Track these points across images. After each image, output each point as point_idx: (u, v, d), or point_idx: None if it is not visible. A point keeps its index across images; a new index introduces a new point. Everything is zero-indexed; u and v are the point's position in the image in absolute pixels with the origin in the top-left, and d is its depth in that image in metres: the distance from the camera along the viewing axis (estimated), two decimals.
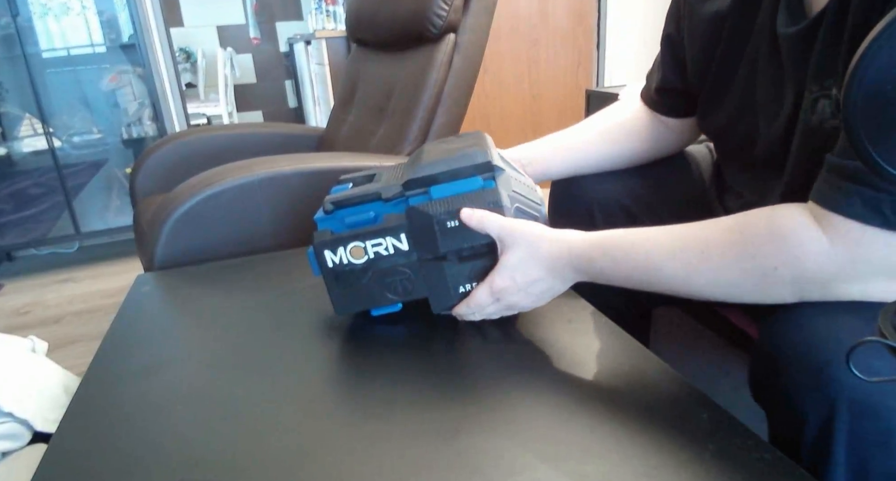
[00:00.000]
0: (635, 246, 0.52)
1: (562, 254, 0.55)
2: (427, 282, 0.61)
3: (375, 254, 0.60)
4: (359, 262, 0.60)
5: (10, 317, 1.79)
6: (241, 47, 3.56)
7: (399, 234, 0.59)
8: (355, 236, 0.60)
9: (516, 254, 0.56)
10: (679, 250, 0.49)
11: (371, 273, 0.61)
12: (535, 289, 0.57)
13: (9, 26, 1.96)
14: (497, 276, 0.57)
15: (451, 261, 0.60)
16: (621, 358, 0.56)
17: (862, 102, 0.41)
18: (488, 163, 0.60)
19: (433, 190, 0.60)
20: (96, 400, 0.55)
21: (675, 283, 0.50)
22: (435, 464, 0.43)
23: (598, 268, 0.53)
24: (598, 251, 0.53)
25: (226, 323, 0.69)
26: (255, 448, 0.47)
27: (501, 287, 0.57)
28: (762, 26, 0.58)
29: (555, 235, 0.56)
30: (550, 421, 0.47)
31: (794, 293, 0.45)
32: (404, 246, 0.60)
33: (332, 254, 0.60)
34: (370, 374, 0.56)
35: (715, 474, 0.40)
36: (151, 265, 0.94)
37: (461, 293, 0.61)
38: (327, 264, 0.61)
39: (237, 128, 1.57)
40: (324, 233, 0.61)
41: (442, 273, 0.60)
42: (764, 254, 0.44)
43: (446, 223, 0.58)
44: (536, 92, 2.71)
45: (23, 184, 2.15)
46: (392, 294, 0.62)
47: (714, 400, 0.48)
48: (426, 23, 1.19)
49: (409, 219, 0.59)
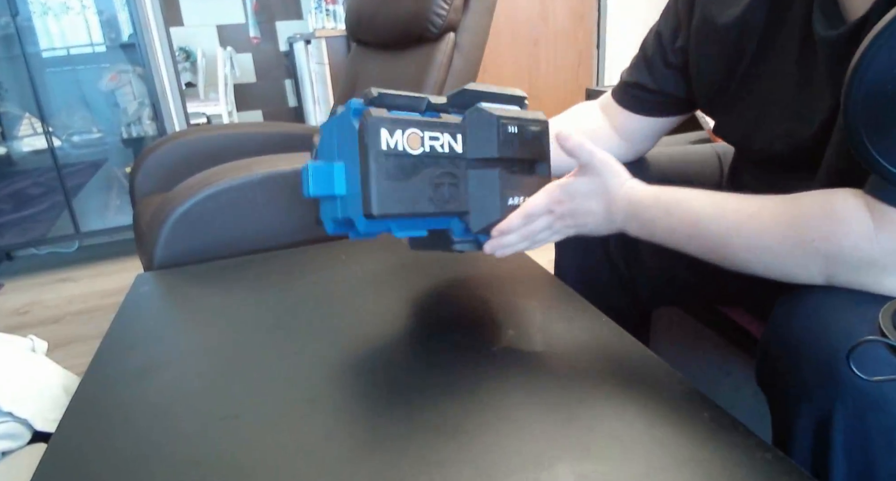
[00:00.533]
0: (690, 200, 0.54)
1: (624, 196, 0.57)
2: (475, 192, 0.58)
3: (431, 148, 0.55)
4: (414, 153, 0.54)
5: (9, 317, 1.78)
6: (241, 47, 3.56)
7: (457, 133, 0.57)
8: (415, 122, 0.55)
9: (591, 182, 0.58)
10: (731, 210, 0.50)
11: (422, 169, 0.55)
12: (582, 220, 0.59)
13: (8, 26, 1.96)
14: (558, 189, 0.59)
15: (504, 168, 0.59)
16: (621, 358, 0.56)
17: (862, 101, 0.41)
18: (524, 97, 0.63)
19: (481, 103, 0.59)
20: (96, 400, 0.55)
21: (715, 242, 0.51)
22: (435, 464, 0.43)
23: (649, 216, 0.55)
24: (653, 200, 0.55)
25: (226, 322, 0.69)
26: (255, 447, 0.47)
27: (558, 199, 0.58)
28: (793, 28, 0.57)
29: (629, 180, 0.59)
30: (550, 421, 0.47)
31: (824, 272, 0.45)
32: (459, 148, 0.57)
33: (390, 135, 0.53)
34: (370, 374, 0.56)
35: (715, 474, 0.40)
36: (151, 264, 0.94)
37: (509, 205, 0.59)
38: (380, 145, 0.52)
39: (237, 128, 1.56)
40: (381, 112, 0.53)
41: (493, 181, 0.58)
42: (806, 225, 0.45)
43: (507, 127, 0.58)
44: (536, 92, 2.71)
45: (22, 184, 2.15)
46: (436, 199, 0.56)
47: (714, 400, 0.48)
48: (426, 22, 1.19)
49: (469, 120, 0.57)
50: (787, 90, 0.59)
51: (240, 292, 0.77)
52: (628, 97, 0.77)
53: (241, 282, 0.81)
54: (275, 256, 0.89)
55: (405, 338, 0.62)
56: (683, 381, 0.51)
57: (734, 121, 0.67)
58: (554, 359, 0.56)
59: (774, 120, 0.61)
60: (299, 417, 0.51)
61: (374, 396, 0.52)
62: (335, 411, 0.51)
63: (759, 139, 0.64)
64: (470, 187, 0.58)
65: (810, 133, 0.56)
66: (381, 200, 0.53)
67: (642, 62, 0.75)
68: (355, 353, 0.60)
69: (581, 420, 0.47)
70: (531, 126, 0.60)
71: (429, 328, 0.63)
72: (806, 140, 0.57)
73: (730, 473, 0.40)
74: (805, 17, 0.55)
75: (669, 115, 0.76)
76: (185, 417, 0.51)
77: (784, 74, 0.59)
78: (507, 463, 0.43)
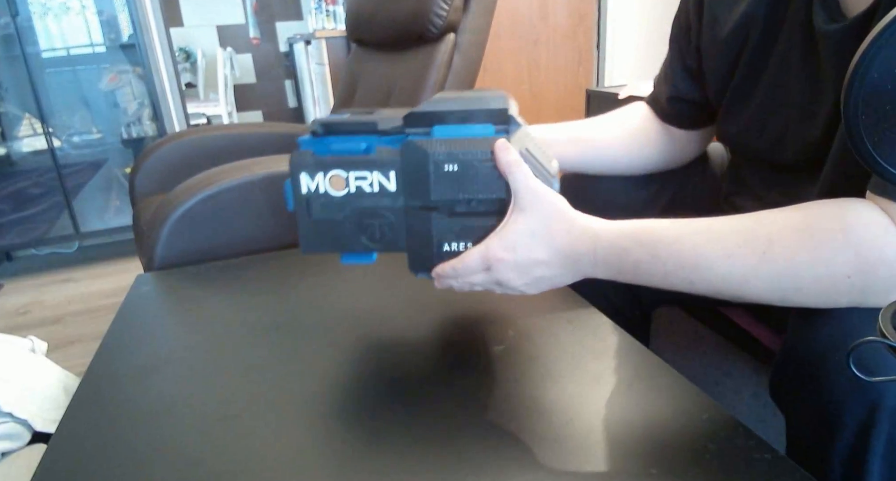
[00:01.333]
0: (682, 239, 0.45)
1: (583, 239, 0.48)
2: (409, 234, 0.54)
3: (357, 188, 0.53)
4: (337, 195, 0.53)
5: (9, 317, 1.78)
6: (241, 47, 3.56)
7: (388, 171, 0.52)
8: (338, 163, 0.52)
9: (528, 224, 0.49)
10: (738, 247, 0.43)
11: (349, 210, 0.53)
12: (535, 273, 0.49)
13: (8, 26, 1.96)
14: (497, 241, 0.50)
15: (442, 212, 0.52)
16: (621, 358, 0.56)
17: (863, 102, 0.41)
18: (504, 110, 0.51)
19: (436, 130, 0.52)
20: (96, 401, 0.55)
21: (728, 285, 0.44)
22: (434, 464, 0.43)
23: (631, 260, 0.46)
24: (632, 241, 0.46)
25: (226, 323, 0.69)
26: (255, 447, 0.47)
27: (497, 256, 0.49)
28: (794, 23, 0.56)
29: (578, 217, 0.49)
30: (550, 421, 0.47)
31: (854, 300, 0.42)
32: (392, 186, 0.52)
33: (310, 178, 0.53)
34: (369, 374, 0.56)
35: (715, 474, 0.40)
36: (151, 265, 0.94)
37: (444, 251, 0.54)
38: (301, 189, 0.53)
39: (237, 128, 1.57)
40: (304, 154, 0.53)
41: (427, 224, 0.53)
42: (839, 262, 0.40)
43: (443, 165, 0.51)
44: (536, 91, 2.71)
45: (22, 184, 2.15)
46: (368, 239, 0.54)
47: (714, 401, 0.48)
48: (426, 23, 1.19)
49: (404, 155, 0.51)
50: (791, 87, 0.58)
51: (240, 293, 0.77)
52: (657, 110, 0.77)
53: (241, 282, 0.81)
54: (275, 257, 0.89)
55: (405, 338, 0.62)
56: (683, 381, 0.51)
57: (736, 119, 0.66)
58: (554, 359, 0.56)
59: (779, 116, 0.60)
60: (299, 417, 0.50)
61: (373, 396, 0.52)
62: (335, 411, 0.51)
63: (762, 137, 0.63)
64: (407, 227, 0.54)
65: (817, 129, 0.55)
66: (307, 240, 0.55)
67: (663, 75, 0.75)
68: (355, 353, 0.60)
69: (581, 421, 0.47)
70: (481, 162, 0.51)
71: (429, 328, 0.63)
72: (812, 137, 0.56)
73: (730, 473, 0.40)
74: (806, 12, 0.55)
75: (699, 127, 0.75)
76: (185, 417, 0.51)
77: (786, 70, 0.58)
78: (507, 464, 0.43)
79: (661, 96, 0.75)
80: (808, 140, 0.57)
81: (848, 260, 0.40)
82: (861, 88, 0.40)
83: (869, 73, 0.40)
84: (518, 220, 0.49)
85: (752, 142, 0.66)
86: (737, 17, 0.62)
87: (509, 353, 0.58)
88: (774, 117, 0.61)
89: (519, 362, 0.56)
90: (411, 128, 0.53)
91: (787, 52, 0.58)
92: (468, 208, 0.52)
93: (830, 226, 0.41)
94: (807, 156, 0.57)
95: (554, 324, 0.62)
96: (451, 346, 0.60)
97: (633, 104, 0.81)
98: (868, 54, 0.39)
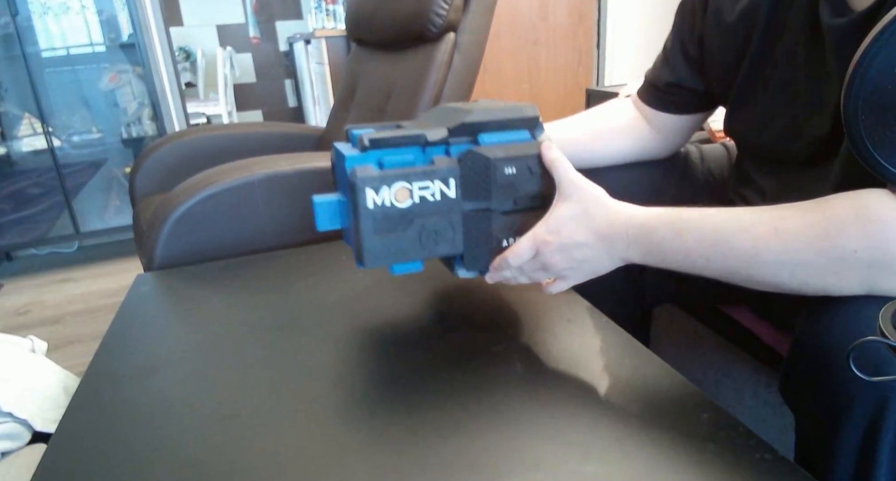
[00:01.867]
0: (704, 218, 0.49)
1: (618, 221, 0.52)
2: (467, 236, 0.57)
3: (421, 199, 0.54)
4: (402, 206, 0.54)
5: (9, 317, 1.78)
6: (241, 47, 3.56)
7: (449, 179, 0.54)
8: (403, 175, 0.53)
9: (570, 210, 0.53)
10: (751, 224, 0.46)
11: (411, 220, 0.55)
12: (577, 254, 0.53)
13: (8, 26, 1.96)
14: (543, 226, 0.54)
15: (498, 212, 0.56)
16: (621, 358, 0.56)
17: (863, 102, 0.41)
18: (538, 117, 0.58)
19: (482, 137, 0.56)
20: (96, 400, 0.55)
21: (740, 260, 0.46)
22: (434, 464, 0.43)
23: (657, 239, 0.50)
24: (659, 221, 0.50)
25: (226, 323, 0.69)
26: (255, 447, 0.47)
27: (544, 239, 0.53)
28: (799, 17, 0.57)
29: (615, 203, 0.54)
30: (550, 421, 0.47)
31: (865, 282, 0.42)
32: (452, 193, 0.55)
33: (375, 193, 0.53)
34: (369, 374, 0.56)
35: (715, 474, 0.40)
36: (151, 265, 0.94)
37: (503, 247, 0.57)
38: (367, 204, 0.53)
39: (237, 128, 1.56)
40: (367, 169, 0.53)
41: (487, 224, 0.56)
42: (846, 235, 0.41)
43: (504, 169, 0.54)
44: (536, 91, 2.71)
45: (22, 184, 2.15)
46: (428, 247, 0.56)
47: (714, 401, 0.48)
48: (426, 22, 1.19)
49: (464, 163, 0.54)
50: (799, 82, 0.58)
51: (240, 292, 0.77)
52: (651, 95, 0.77)
53: (241, 282, 0.81)
54: (275, 257, 0.89)
55: (405, 338, 0.62)
56: (683, 381, 0.51)
57: (745, 114, 0.66)
58: (554, 359, 0.56)
59: (787, 111, 0.60)
60: (299, 417, 0.50)
61: (374, 396, 0.52)
62: (335, 411, 0.51)
63: (771, 131, 0.63)
64: (464, 229, 0.57)
65: (825, 124, 0.55)
66: (372, 255, 0.56)
67: (662, 59, 0.75)
68: (356, 353, 0.60)
69: (581, 420, 0.47)
70: (532, 162, 0.56)
71: (429, 328, 0.63)
72: (821, 132, 0.56)
73: (730, 473, 0.40)
74: (811, 6, 0.55)
75: (693, 112, 0.76)
76: (185, 417, 0.51)
77: (794, 66, 0.58)
78: (507, 464, 0.43)
79: (659, 80, 0.76)
80: (816, 135, 0.57)
81: (855, 234, 0.41)
82: (861, 88, 0.40)
83: (869, 73, 0.40)
84: (561, 207, 0.54)
85: (760, 138, 0.66)
86: (741, 7, 0.62)
87: (509, 353, 0.58)
88: (783, 113, 0.61)
89: (519, 362, 0.56)
90: (454, 138, 0.57)
91: (792, 46, 0.58)
92: (520, 206, 0.57)
93: (840, 203, 0.43)
94: (815, 152, 0.58)
95: (554, 323, 0.63)
96: (451, 346, 0.60)
97: (609, 101, 0.83)
98: (868, 54, 0.39)
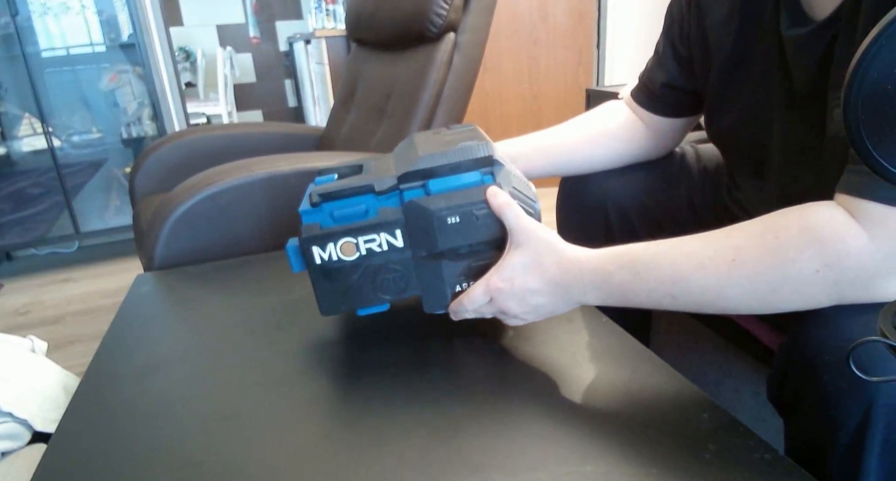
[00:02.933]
0: (658, 257, 0.48)
1: (571, 268, 0.51)
2: (421, 281, 0.58)
3: (368, 250, 0.56)
4: (349, 259, 0.56)
5: (9, 317, 1.78)
6: (241, 47, 3.56)
7: (394, 230, 0.56)
8: (347, 231, 0.55)
9: (521, 258, 0.53)
10: (709, 259, 0.45)
11: (362, 271, 0.57)
12: (531, 301, 0.53)
13: (8, 26, 1.96)
14: (496, 275, 0.54)
15: (448, 258, 0.57)
16: (621, 358, 0.56)
17: (862, 102, 0.41)
18: (490, 157, 0.57)
19: (431, 183, 0.57)
20: (96, 400, 0.55)
21: (706, 297, 0.46)
22: (434, 464, 0.43)
23: (615, 282, 0.49)
24: (614, 265, 0.49)
25: (225, 322, 0.69)
26: (255, 447, 0.47)
27: (497, 287, 0.53)
28: (764, 28, 0.58)
29: (568, 249, 0.53)
30: (550, 421, 0.47)
31: (833, 296, 0.43)
32: (399, 242, 0.56)
33: (321, 250, 0.56)
34: (369, 374, 0.56)
35: (715, 474, 0.40)
36: (151, 265, 0.94)
37: (457, 291, 0.58)
38: (315, 261, 0.56)
39: (237, 128, 1.56)
40: (312, 227, 0.56)
41: (438, 271, 0.57)
42: (805, 258, 0.42)
43: (446, 219, 0.55)
44: (536, 91, 2.71)
45: (22, 184, 2.15)
46: (383, 293, 0.58)
47: (714, 400, 0.48)
48: (426, 22, 1.19)
49: (407, 214, 0.55)
50: (768, 91, 0.59)
51: (240, 292, 0.77)
52: (645, 98, 0.77)
53: (241, 282, 0.81)
54: (275, 257, 0.89)
55: (405, 338, 0.62)
56: (683, 381, 0.51)
57: (720, 122, 0.67)
58: (553, 359, 0.56)
59: (758, 121, 0.61)
60: (299, 417, 0.51)
61: (373, 396, 0.52)
62: (335, 411, 0.51)
63: (744, 141, 0.64)
64: (418, 274, 0.58)
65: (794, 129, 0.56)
66: (327, 305, 0.59)
67: (655, 61, 0.76)
68: (355, 353, 0.60)
69: (581, 420, 0.47)
70: (479, 209, 0.55)
71: (429, 328, 0.63)
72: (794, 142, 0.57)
73: (730, 473, 0.40)
74: (773, 17, 0.56)
75: (687, 115, 0.77)
76: (185, 417, 0.51)
77: (763, 74, 0.59)
78: (507, 464, 0.43)
79: (653, 83, 0.76)
80: (788, 141, 0.58)
81: (813, 255, 0.42)
82: (861, 88, 0.40)
83: (869, 73, 0.40)
84: (514, 255, 0.54)
85: (736, 146, 0.67)
86: (719, 17, 0.63)
87: (509, 353, 0.58)
88: (755, 122, 0.62)
89: (519, 362, 0.56)
90: (405, 184, 0.57)
91: (762, 56, 0.59)
92: (472, 250, 0.57)
93: (792, 226, 0.43)
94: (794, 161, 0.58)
95: (554, 323, 0.63)
96: (451, 346, 0.60)
97: (603, 104, 0.83)
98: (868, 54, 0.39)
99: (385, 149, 1.26)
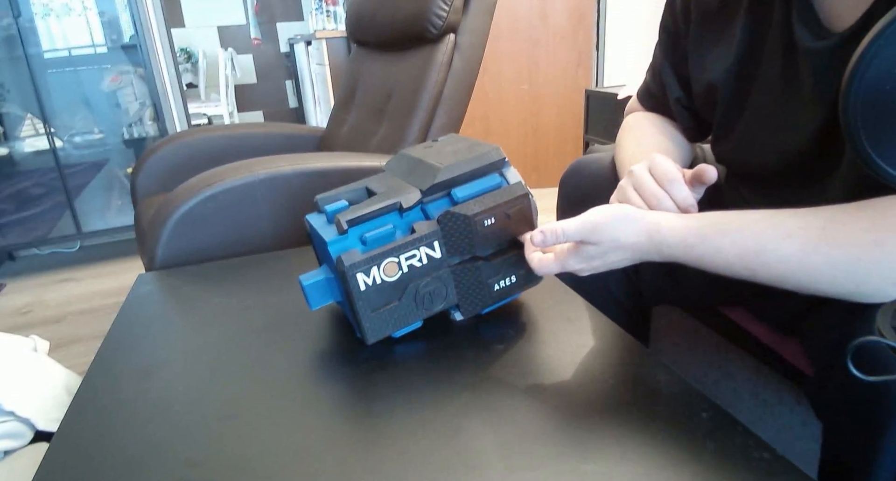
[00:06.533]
0: (743, 229, 0.48)
1: (651, 239, 0.51)
2: (458, 288, 0.60)
3: (409, 266, 0.56)
4: (393, 279, 0.56)
5: (11, 317, 1.79)
6: (242, 48, 3.57)
7: (433, 242, 0.57)
8: (389, 251, 0.55)
9: (599, 248, 0.53)
10: (798, 228, 0.45)
11: (403, 287, 0.57)
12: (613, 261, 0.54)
13: (10, 27, 1.96)
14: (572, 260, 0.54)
15: (484, 259, 0.59)
16: (621, 357, 0.56)
17: (861, 102, 0.41)
18: (504, 159, 0.60)
19: (455, 191, 0.59)
20: (98, 400, 0.55)
21: (787, 267, 0.45)
22: (434, 463, 0.43)
23: (696, 254, 0.50)
24: (697, 237, 0.49)
25: (226, 322, 0.69)
26: (255, 447, 0.47)
27: (576, 268, 0.55)
28: (775, 40, 0.56)
29: (643, 217, 0.52)
30: (550, 421, 0.47)
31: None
32: (437, 253, 0.57)
33: (366, 275, 0.55)
34: (369, 373, 0.56)
35: (715, 474, 0.40)
36: (152, 265, 0.94)
37: (496, 290, 0.61)
38: (359, 288, 0.55)
39: (238, 129, 1.57)
40: (353, 254, 0.55)
41: (477, 273, 0.59)
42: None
43: (483, 222, 0.57)
44: (536, 92, 2.71)
45: (24, 184, 2.15)
46: (424, 305, 0.59)
47: (713, 400, 0.48)
48: (426, 23, 1.19)
49: (443, 223, 0.57)
50: (775, 101, 0.58)
51: (241, 292, 0.77)
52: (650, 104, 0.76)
53: (242, 282, 0.81)
54: (276, 257, 0.89)
55: (405, 337, 0.62)
56: (683, 381, 0.51)
57: (727, 137, 0.66)
58: (554, 359, 0.56)
59: (766, 132, 0.60)
60: (299, 417, 0.51)
61: (373, 396, 0.53)
62: (335, 411, 0.52)
63: (752, 153, 0.63)
64: (455, 281, 0.59)
65: (802, 144, 0.55)
66: (374, 331, 0.58)
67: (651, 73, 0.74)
68: (355, 353, 0.60)
69: (581, 420, 0.47)
70: (508, 208, 0.58)
71: (429, 328, 0.63)
72: (798, 151, 0.55)
73: (729, 473, 0.40)
74: (784, 26, 0.55)
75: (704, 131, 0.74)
76: (186, 417, 0.52)
77: (770, 85, 0.58)
78: (507, 464, 0.43)
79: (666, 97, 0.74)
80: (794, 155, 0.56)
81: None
82: (860, 88, 0.40)
83: (868, 73, 0.40)
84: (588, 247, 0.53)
85: (742, 159, 0.66)
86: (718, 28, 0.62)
87: (509, 352, 0.58)
88: (762, 133, 0.61)
89: (519, 361, 0.56)
90: (428, 197, 0.59)
91: (768, 67, 0.58)
92: (503, 246, 0.60)
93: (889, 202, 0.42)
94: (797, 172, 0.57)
95: (554, 323, 0.63)
96: (451, 345, 0.60)
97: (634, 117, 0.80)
98: (868, 54, 0.39)
99: (385, 149, 1.26)
